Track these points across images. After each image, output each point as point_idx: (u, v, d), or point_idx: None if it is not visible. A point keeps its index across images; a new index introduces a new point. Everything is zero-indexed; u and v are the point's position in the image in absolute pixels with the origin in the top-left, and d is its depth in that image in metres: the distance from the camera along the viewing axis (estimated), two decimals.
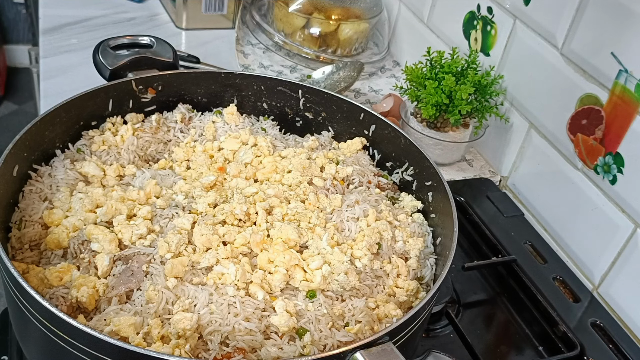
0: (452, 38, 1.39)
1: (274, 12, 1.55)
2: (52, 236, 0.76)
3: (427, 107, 1.19)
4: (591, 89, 1.04)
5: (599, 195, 1.05)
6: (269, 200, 0.85)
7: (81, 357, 0.62)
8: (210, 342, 0.68)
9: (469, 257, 1.12)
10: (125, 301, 0.71)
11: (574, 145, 1.10)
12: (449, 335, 0.96)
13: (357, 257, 0.81)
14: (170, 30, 1.60)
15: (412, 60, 1.34)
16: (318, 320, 0.72)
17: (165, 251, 0.74)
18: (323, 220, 0.84)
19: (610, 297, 1.05)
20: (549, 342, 0.98)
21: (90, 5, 1.63)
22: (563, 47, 1.09)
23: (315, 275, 0.77)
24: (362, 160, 0.99)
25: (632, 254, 1.00)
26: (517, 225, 1.19)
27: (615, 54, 0.98)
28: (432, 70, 1.23)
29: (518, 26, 1.19)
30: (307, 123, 1.06)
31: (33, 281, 0.71)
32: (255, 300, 0.72)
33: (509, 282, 1.06)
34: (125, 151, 0.92)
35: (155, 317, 0.69)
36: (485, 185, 1.27)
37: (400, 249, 0.85)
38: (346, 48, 1.55)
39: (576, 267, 1.11)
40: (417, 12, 1.53)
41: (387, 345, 0.64)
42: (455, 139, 1.24)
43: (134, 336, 0.66)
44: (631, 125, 0.97)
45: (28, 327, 0.68)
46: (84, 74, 1.31)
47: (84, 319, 0.69)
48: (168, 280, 0.72)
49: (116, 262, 0.74)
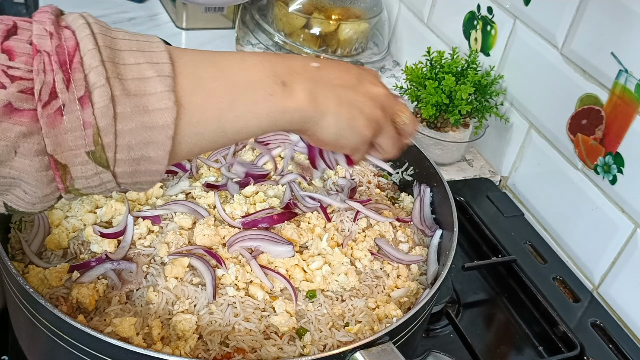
0: (452, 38, 1.39)
1: (274, 12, 1.55)
2: (52, 236, 0.76)
3: (427, 107, 1.19)
4: (591, 89, 1.04)
5: (599, 195, 1.05)
6: (269, 201, 0.85)
7: (81, 357, 0.62)
8: (210, 343, 0.68)
9: (469, 257, 1.12)
10: (125, 301, 0.71)
11: (574, 145, 1.10)
12: (449, 335, 0.96)
13: (357, 258, 0.81)
14: (170, 30, 1.60)
15: (412, 60, 1.34)
16: (318, 320, 0.72)
17: (165, 252, 0.74)
18: (323, 220, 0.84)
19: (610, 297, 1.05)
20: (549, 342, 0.98)
21: (90, 5, 1.63)
22: (563, 47, 1.09)
23: (315, 276, 0.77)
24: None
25: (632, 254, 1.00)
26: (517, 225, 1.19)
27: (615, 54, 0.98)
28: (432, 70, 1.23)
29: (518, 26, 1.19)
30: None
31: (33, 281, 0.71)
32: (255, 300, 0.72)
33: (509, 282, 1.06)
34: None
35: (156, 318, 0.69)
36: (485, 185, 1.27)
37: (401, 250, 0.85)
38: (346, 48, 1.55)
39: (576, 267, 1.11)
40: (417, 12, 1.53)
41: (387, 345, 0.64)
42: (455, 139, 1.24)
43: (134, 337, 0.66)
44: (631, 125, 0.97)
45: (28, 327, 0.68)
46: None
47: (84, 319, 0.69)
48: (168, 280, 0.72)
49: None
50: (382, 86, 0.68)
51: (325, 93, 0.62)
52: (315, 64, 0.64)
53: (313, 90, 0.61)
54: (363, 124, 0.64)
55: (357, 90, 0.65)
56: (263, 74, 0.58)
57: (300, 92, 0.60)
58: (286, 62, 0.61)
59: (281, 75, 0.59)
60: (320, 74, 0.63)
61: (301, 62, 0.62)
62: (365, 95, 0.65)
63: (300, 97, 0.59)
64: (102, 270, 0.72)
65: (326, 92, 0.62)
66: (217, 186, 0.86)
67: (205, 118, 0.55)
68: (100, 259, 0.72)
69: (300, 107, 0.59)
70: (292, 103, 0.59)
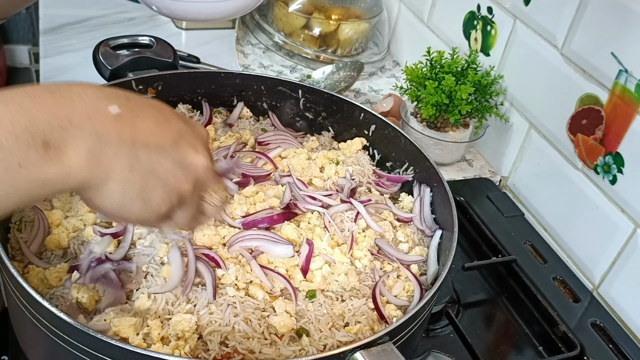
0: (452, 38, 1.39)
1: (274, 12, 1.55)
2: (52, 236, 0.76)
3: (427, 107, 1.19)
4: (591, 89, 1.04)
5: (599, 195, 1.05)
6: (269, 201, 0.85)
7: (81, 357, 0.62)
8: (210, 343, 0.68)
9: (469, 257, 1.12)
10: (125, 302, 0.71)
11: (574, 145, 1.10)
12: (449, 335, 0.96)
13: (357, 258, 0.81)
14: (170, 30, 1.60)
15: (412, 60, 1.34)
16: (318, 321, 0.72)
17: (165, 252, 0.74)
18: (323, 220, 0.84)
19: (610, 297, 1.05)
20: (549, 342, 0.98)
21: (90, 5, 1.63)
22: (563, 47, 1.09)
23: (315, 276, 0.77)
24: (362, 160, 0.99)
25: (632, 254, 1.00)
26: (517, 225, 1.19)
27: (615, 54, 0.98)
28: (432, 70, 1.23)
29: (518, 26, 1.19)
30: (307, 123, 1.06)
31: (33, 281, 0.71)
32: (255, 300, 0.72)
33: (509, 282, 1.06)
34: None
35: (155, 318, 0.69)
36: (485, 185, 1.27)
37: (401, 250, 0.85)
38: (346, 48, 1.55)
39: (576, 267, 1.11)
40: (417, 12, 1.53)
41: (387, 345, 0.64)
42: (455, 139, 1.24)
43: (134, 337, 0.66)
44: (631, 125, 0.97)
45: (28, 327, 0.68)
46: (84, 74, 1.31)
47: (84, 319, 0.69)
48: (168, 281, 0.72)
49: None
50: (204, 154, 0.56)
51: (115, 151, 0.50)
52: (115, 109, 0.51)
53: (95, 148, 0.49)
54: (159, 198, 0.53)
55: (167, 154, 0.53)
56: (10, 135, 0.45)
57: (72, 153, 0.48)
58: (61, 111, 0.48)
59: (43, 133, 0.46)
60: (120, 127, 0.50)
61: (91, 109, 0.49)
62: (176, 162, 0.53)
63: (73, 160, 0.48)
64: (102, 270, 0.72)
65: (116, 150, 0.50)
66: None
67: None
68: (100, 259, 0.72)
69: (71, 173, 0.48)
70: (55, 170, 0.47)
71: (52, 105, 0.48)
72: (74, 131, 0.48)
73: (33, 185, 0.47)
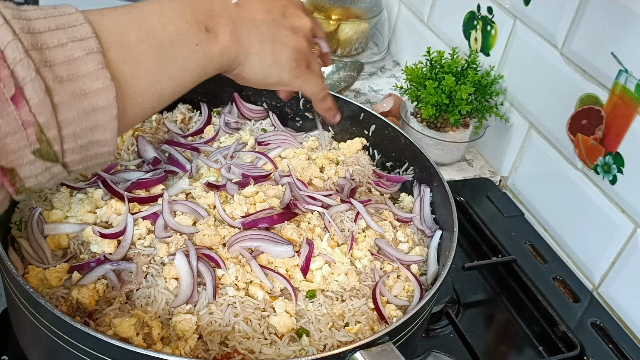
0: (452, 38, 1.39)
1: None
2: (52, 236, 0.76)
3: (427, 107, 1.19)
4: (591, 89, 1.04)
5: (599, 195, 1.05)
6: (269, 201, 0.85)
7: (81, 357, 0.62)
8: (210, 343, 0.68)
9: (469, 257, 1.12)
10: (125, 302, 0.71)
11: (574, 145, 1.10)
12: (449, 335, 0.96)
13: (357, 258, 0.81)
14: None
15: (412, 60, 1.34)
16: (318, 320, 0.72)
17: (165, 252, 0.74)
18: (323, 220, 0.84)
19: (610, 297, 1.05)
20: (549, 342, 0.98)
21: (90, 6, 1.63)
22: (563, 47, 1.09)
23: (315, 276, 0.77)
24: (362, 161, 0.99)
25: (632, 254, 1.00)
26: (517, 225, 1.19)
27: (615, 54, 0.98)
28: (432, 70, 1.23)
29: (518, 26, 1.19)
30: (307, 123, 1.06)
31: (33, 281, 0.71)
32: (255, 300, 0.72)
33: (509, 282, 1.06)
34: (125, 152, 0.92)
35: (155, 318, 0.69)
36: (485, 185, 1.27)
37: (401, 250, 0.85)
38: (346, 48, 1.55)
39: (576, 267, 1.11)
40: (417, 12, 1.53)
41: (387, 345, 0.64)
42: (455, 139, 1.24)
43: (134, 337, 0.66)
44: (631, 125, 0.97)
45: (28, 327, 0.68)
46: None
47: (84, 320, 0.69)
48: (168, 281, 0.72)
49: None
50: (307, 17, 0.69)
51: (247, 31, 0.62)
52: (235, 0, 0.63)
53: (235, 31, 0.60)
54: (288, 58, 0.65)
55: (280, 24, 0.65)
56: (185, 24, 0.57)
57: (223, 35, 0.59)
58: (205, 4, 0.60)
59: (203, 20, 0.58)
60: (242, 11, 0.62)
61: (221, 1, 0.61)
62: (289, 28, 0.66)
63: (224, 40, 0.60)
64: (102, 271, 0.72)
65: (248, 31, 0.62)
66: (217, 186, 0.86)
67: (141, 88, 0.54)
68: (99, 260, 0.72)
69: (225, 51, 0.60)
70: (216, 48, 0.59)
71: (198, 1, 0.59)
72: (219, 19, 0.60)
73: (205, 61, 0.59)
